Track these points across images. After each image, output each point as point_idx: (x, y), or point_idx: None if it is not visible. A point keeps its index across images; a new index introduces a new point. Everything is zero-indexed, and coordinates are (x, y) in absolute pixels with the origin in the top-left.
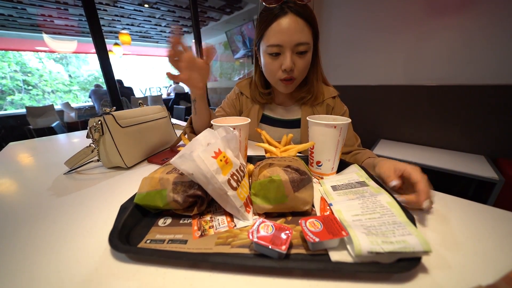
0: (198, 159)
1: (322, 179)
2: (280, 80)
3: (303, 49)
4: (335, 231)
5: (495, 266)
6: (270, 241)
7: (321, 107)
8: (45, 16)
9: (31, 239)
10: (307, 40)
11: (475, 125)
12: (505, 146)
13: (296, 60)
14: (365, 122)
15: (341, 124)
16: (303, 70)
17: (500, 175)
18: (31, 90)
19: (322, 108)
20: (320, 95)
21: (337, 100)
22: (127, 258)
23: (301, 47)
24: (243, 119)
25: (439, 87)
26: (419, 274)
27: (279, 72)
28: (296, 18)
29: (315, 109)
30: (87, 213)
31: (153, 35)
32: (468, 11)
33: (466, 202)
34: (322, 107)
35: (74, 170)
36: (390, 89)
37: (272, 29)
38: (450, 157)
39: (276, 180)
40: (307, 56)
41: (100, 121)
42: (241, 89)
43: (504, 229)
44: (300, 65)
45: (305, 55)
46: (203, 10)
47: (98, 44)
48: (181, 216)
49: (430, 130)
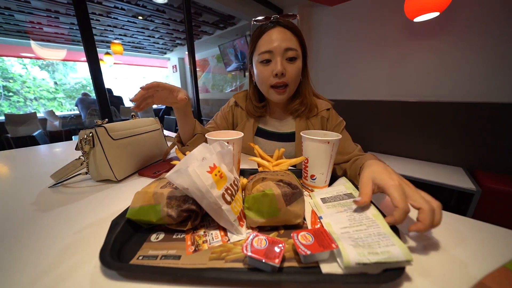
0: (194, 174)
1: (313, 192)
2: (272, 87)
3: (292, 54)
4: (326, 243)
5: (470, 273)
6: (264, 255)
7: (316, 119)
8: (34, 23)
9: (13, 257)
10: (295, 46)
11: (453, 138)
12: (481, 158)
13: (286, 65)
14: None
15: (334, 140)
16: (294, 77)
17: (477, 186)
18: (12, 96)
19: (317, 121)
20: (314, 108)
21: (332, 112)
22: (118, 275)
23: (290, 52)
24: (237, 133)
25: (419, 103)
26: (404, 283)
27: (270, 78)
28: (283, 29)
29: (310, 122)
30: (75, 228)
31: (145, 46)
32: (443, 35)
33: (446, 214)
34: (317, 119)
35: (60, 183)
36: (376, 104)
37: (263, 39)
38: (432, 169)
39: (269, 194)
40: (297, 63)
41: (91, 133)
42: (238, 100)
43: (478, 239)
44: (291, 71)
45: (295, 61)
46: (197, 24)
47: (89, 54)
48: (174, 231)
49: (413, 143)
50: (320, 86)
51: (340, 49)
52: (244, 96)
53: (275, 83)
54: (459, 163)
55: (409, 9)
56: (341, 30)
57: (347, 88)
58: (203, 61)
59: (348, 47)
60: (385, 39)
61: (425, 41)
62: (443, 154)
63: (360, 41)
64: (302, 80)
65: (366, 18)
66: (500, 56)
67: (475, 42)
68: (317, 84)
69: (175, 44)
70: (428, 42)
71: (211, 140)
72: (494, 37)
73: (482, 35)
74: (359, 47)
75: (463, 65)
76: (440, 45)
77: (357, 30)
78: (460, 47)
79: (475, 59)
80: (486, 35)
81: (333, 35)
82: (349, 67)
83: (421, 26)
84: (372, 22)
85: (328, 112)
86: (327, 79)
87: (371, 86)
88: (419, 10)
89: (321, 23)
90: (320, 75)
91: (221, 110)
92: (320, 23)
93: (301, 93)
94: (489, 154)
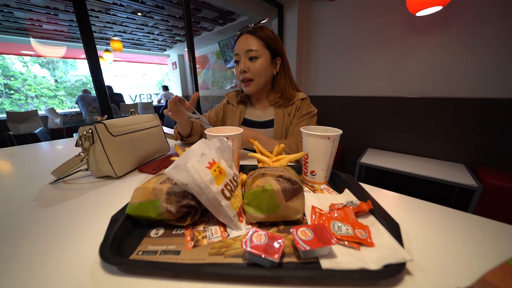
0: (193, 170)
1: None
2: (241, 81)
3: (253, 54)
4: (325, 239)
5: (472, 269)
6: (263, 250)
7: (291, 108)
8: (33, 21)
9: (15, 253)
10: (255, 47)
11: (454, 135)
12: (482, 155)
13: (249, 64)
14: (353, 131)
15: (334, 136)
16: (256, 72)
17: (479, 182)
18: (13, 94)
19: (292, 108)
20: (293, 99)
21: (305, 102)
22: (118, 270)
23: (251, 52)
24: (236, 129)
25: (420, 99)
26: (404, 279)
27: (239, 74)
28: (247, 36)
29: (286, 110)
30: (75, 224)
31: (145, 43)
32: (444, 30)
33: (447, 210)
34: (292, 107)
35: (60, 180)
36: (377, 100)
37: (235, 45)
38: (433, 165)
39: (269, 189)
40: (259, 61)
41: (91, 129)
42: (229, 99)
43: (479, 235)
44: (252, 68)
45: (256, 60)
46: (196, 21)
47: (89, 51)
48: (174, 227)
49: (414, 139)
50: (320, 82)
51: (340, 44)
52: (234, 94)
53: (242, 78)
54: (460, 160)
55: (412, 3)
56: (341, 25)
57: (347, 84)
58: (202, 57)
59: (349, 42)
60: (386, 34)
61: (428, 36)
62: (444, 151)
63: (361, 36)
64: (280, 76)
65: (367, 13)
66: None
67: (480, 36)
68: (317, 80)
69: (174, 41)
70: (430, 36)
71: (210, 135)
72: (500, 30)
73: (488, 28)
74: (360, 42)
75: (467, 60)
76: (443, 40)
77: (358, 25)
78: (464, 41)
79: (479, 54)
80: (492, 28)
81: (333, 30)
82: (349, 62)
83: (423, 20)
84: (373, 17)
85: (302, 102)
86: (327, 75)
87: (372, 82)
88: (422, 4)
89: (321, 18)
90: (320, 70)
91: (216, 107)
92: (320, 17)
93: (280, 88)
94: (490, 150)
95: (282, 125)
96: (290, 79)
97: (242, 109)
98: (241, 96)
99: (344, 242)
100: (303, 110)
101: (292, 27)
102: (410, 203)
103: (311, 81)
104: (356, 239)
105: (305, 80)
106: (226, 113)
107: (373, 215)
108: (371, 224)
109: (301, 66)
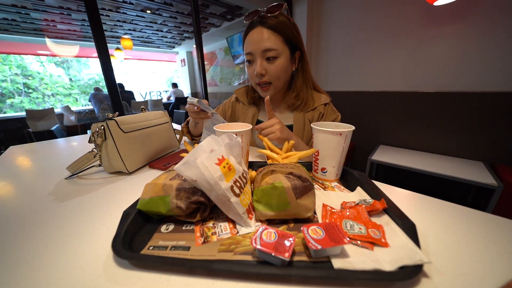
0: (202, 166)
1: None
2: (257, 84)
3: (271, 54)
4: (337, 238)
5: (495, 274)
6: (273, 248)
7: (313, 114)
8: (48, 21)
9: (33, 245)
10: (274, 46)
11: (473, 131)
12: (503, 152)
13: (266, 66)
14: (365, 127)
15: (346, 132)
16: (275, 75)
17: (499, 181)
18: (31, 93)
19: (314, 115)
20: (311, 102)
21: (329, 107)
22: (130, 264)
23: (269, 52)
24: (245, 125)
25: (437, 94)
26: (421, 282)
27: (254, 77)
28: (261, 29)
29: (307, 116)
30: (89, 218)
31: (154, 40)
32: (464, 20)
33: (466, 210)
34: (313, 113)
35: (75, 175)
36: (389, 95)
37: (246, 40)
38: (449, 163)
39: (279, 186)
40: (278, 61)
41: (103, 126)
42: (238, 95)
43: (503, 236)
44: (271, 70)
45: (275, 60)
46: (204, 17)
47: (100, 49)
48: (184, 223)
49: (429, 136)
50: (330, 77)
51: (352, 38)
52: (244, 91)
53: (258, 82)
54: (479, 157)
55: None
56: (353, 18)
57: (359, 79)
58: (211, 54)
59: (361, 35)
60: (401, 25)
61: (447, 26)
62: (462, 148)
63: (373, 28)
64: (298, 74)
65: (380, 4)
66: None
67: (504, 26)
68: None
69: (183, 38)
70: (450, 27)
71: (219, 132)
72: None
73: None
74: (373, 34)
75: (490, 52)
76: (464, 31)
77: (371, 17)
78: (487, 32)
79: (502, 44)
80: None
81: (345, 23)
82: (361, 57)
83: (442, 10)
84: (387, 8)
85: (326, 107)
86: (338, 69)
87: (385, 76)
88: None
89: (332, 10)
90: (331, 66)
91: (223, 103)
92: (331, 11)
93: (296, 87)
94: None
95: (302, 132)
96: (309, 76)
97: (255, 111)
98: (253, 96)
99: (356, 241)
100: (327, 117)
101: (301, 21)
102: (425, 202)
103: (321, 76)
104: (370, 238)
105: (315, 75)
106: (235, 111)
107: (387, 214)
108: (385, 224)
109: (311, 61)
